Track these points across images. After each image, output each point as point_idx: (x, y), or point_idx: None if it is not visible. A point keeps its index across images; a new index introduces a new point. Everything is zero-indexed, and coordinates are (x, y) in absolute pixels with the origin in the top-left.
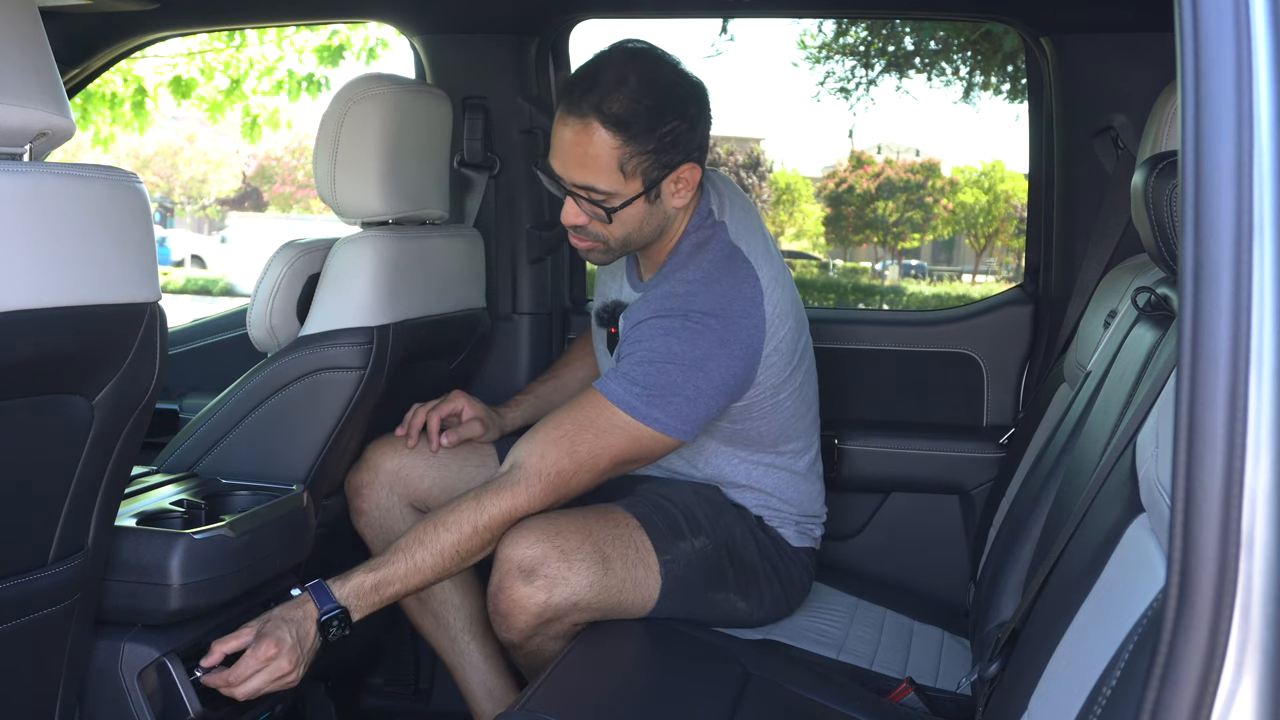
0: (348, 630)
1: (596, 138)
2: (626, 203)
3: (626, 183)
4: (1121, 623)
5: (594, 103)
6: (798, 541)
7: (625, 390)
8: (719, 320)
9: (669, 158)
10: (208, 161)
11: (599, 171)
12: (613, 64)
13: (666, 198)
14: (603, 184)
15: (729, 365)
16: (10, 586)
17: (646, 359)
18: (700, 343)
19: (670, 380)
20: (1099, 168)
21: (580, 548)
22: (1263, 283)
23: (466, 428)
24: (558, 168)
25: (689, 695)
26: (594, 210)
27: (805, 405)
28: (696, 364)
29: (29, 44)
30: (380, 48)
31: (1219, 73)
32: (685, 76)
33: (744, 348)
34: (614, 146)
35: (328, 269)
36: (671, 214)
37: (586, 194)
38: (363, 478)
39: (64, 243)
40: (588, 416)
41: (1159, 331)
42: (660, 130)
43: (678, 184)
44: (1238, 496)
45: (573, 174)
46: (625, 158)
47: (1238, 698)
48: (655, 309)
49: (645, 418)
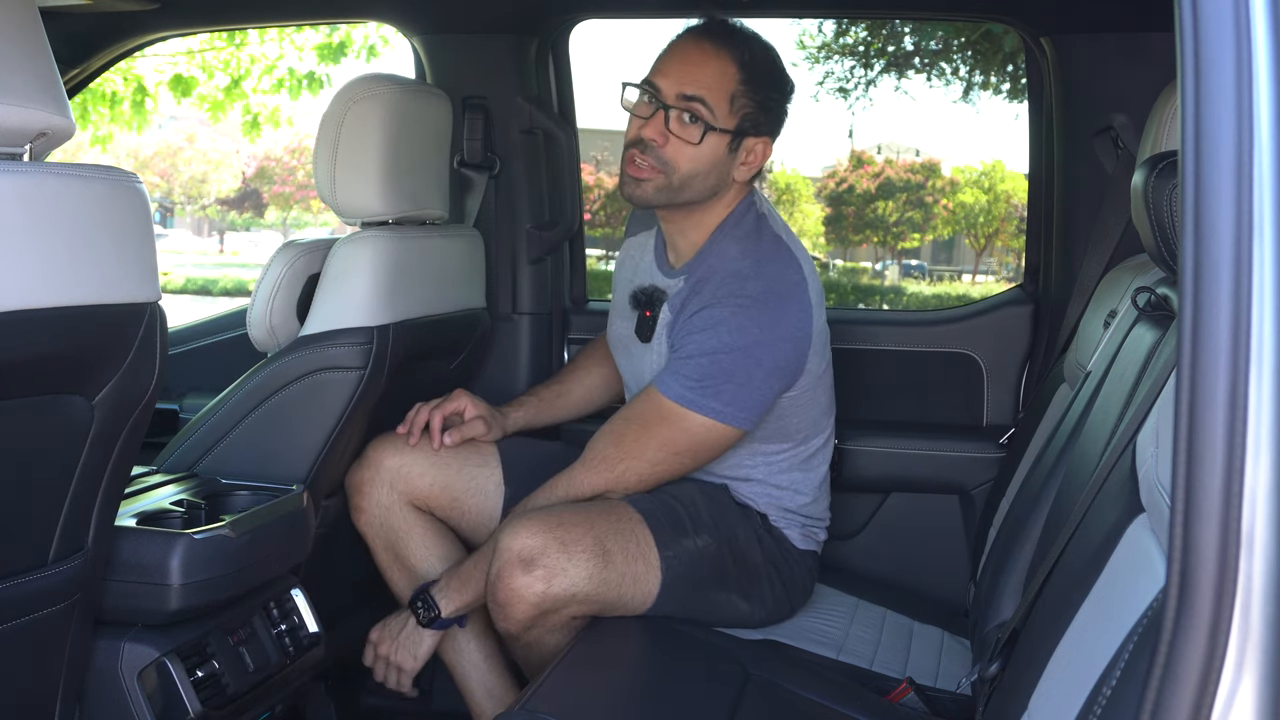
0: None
1: (724, 62)
2: (707, 131)
3: (729, 115)
4: (1121, 623)
5: (733, 39)
6: (803, 544)
7: (681, 385)
8: (766, 305)
9: (763, 119)
10: (207, 161)
11: (714, 89)
12: (745, 28)
13: (736, 160)
14: (712, 99)
15: (779, 349)
16: (10, 586)
17: (697, 352)
18: (750, 328)
19: (721, 369)
20: (1099, 168)
21: (581, 540)
22: (1263, 283)
23: (469, 427)
24: (662, 81)
25: (689, 695)
26: (683, 130)
27: (829, 397)
28: (745, 350)
29: (29, 44)
30: (381, 45)
31: (1219, 73)
32: (787, 72)
33: (792, 330)
34: (735, 78)
35: (328, 269)
36: (727, 182)
37: (685, 106)
38: (363, 475)
39: (64, 243)
40: (647, 415)
41: (1159, 331)
42: (770, 91)
43: (750, 154)
44: (1238, 496)
45: (684, 84)
46: (739, 93)
47: (1238, 698)
48: (705, 299)
49: (702, 409)
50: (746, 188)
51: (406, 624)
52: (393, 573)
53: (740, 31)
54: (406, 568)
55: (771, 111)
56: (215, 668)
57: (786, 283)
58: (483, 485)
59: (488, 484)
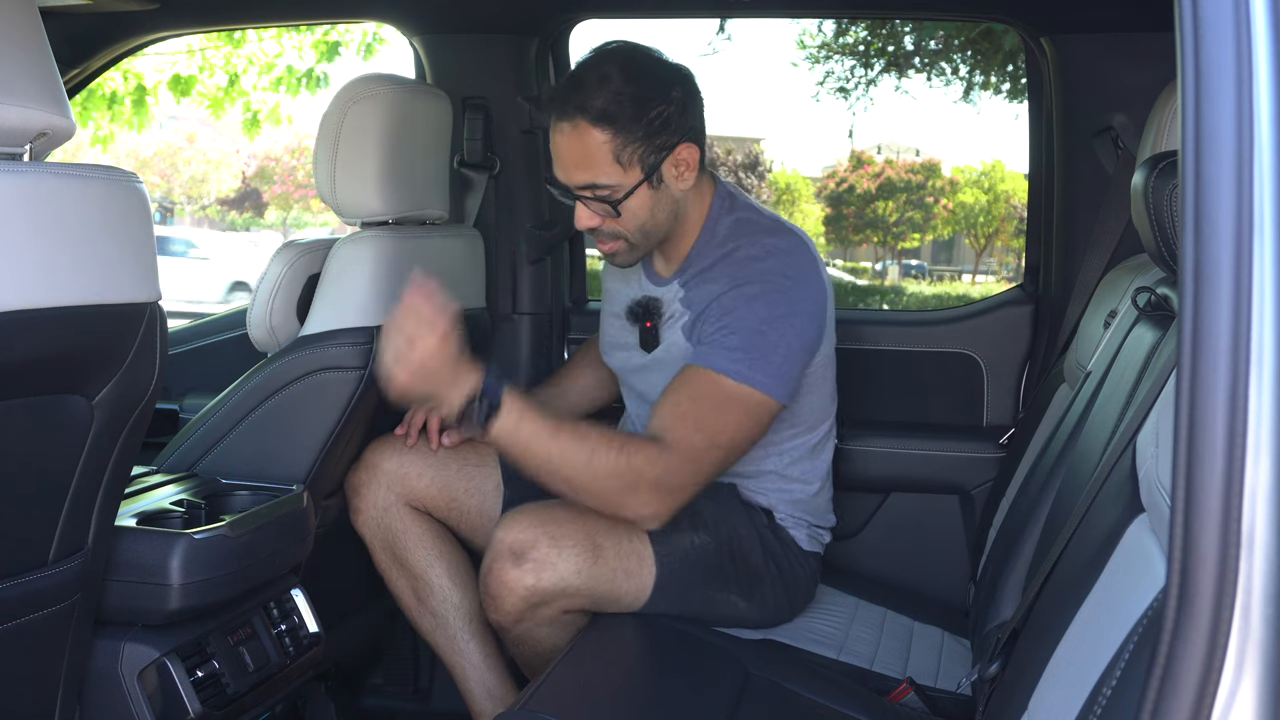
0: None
1: (587, 136)
2: (629, 192)
3: (626, 173)
4: (1121, 623)
5: (578, 103)
6: (808, 545)
7: (727, 359)
8: (792, 281)
9: (663, 140)
10: (207, 161)
11: (597, 167)
12: (591, 65)
13: (670, 181)
14: (603, 178)
15: (809, 324)
16: (10, 586)
17: (739, 327)
18: (782, 302)
19: (766, 341)
20: (1099, 168)
21: (572, 534)
22: (1263, 283)
23: (468, 428)
24: (560, 175)
25: (689, 695)
26: (602, 208)
27: (832, 383)
28: (784, 321)
29: (29, 44)
30: (378, 44)
31: (1219, 73)
32: (665, 62)
33: (815, 305)
34: (605, 140)
35: (328, 269)
36: (680, 198)
37: (591, 192)
38: (361, 477)
39: (64, 243)
40: (700, 391)
41: (1159, 331)
42: (648, 115)
43: (678, 166)
44: (1238, 496)
45: (574, 176)
46: (619, 148)
47: (1238, 698)
48: (730, 280)
49: (751, 380)
50: (706, 184)
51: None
52: (392, 574)
53: (584, 84)
54: (406, 569)
55: (670, 124)
56: (215, 668)
57: (801, 261)
58: (481, 486)
59: (486, 484)
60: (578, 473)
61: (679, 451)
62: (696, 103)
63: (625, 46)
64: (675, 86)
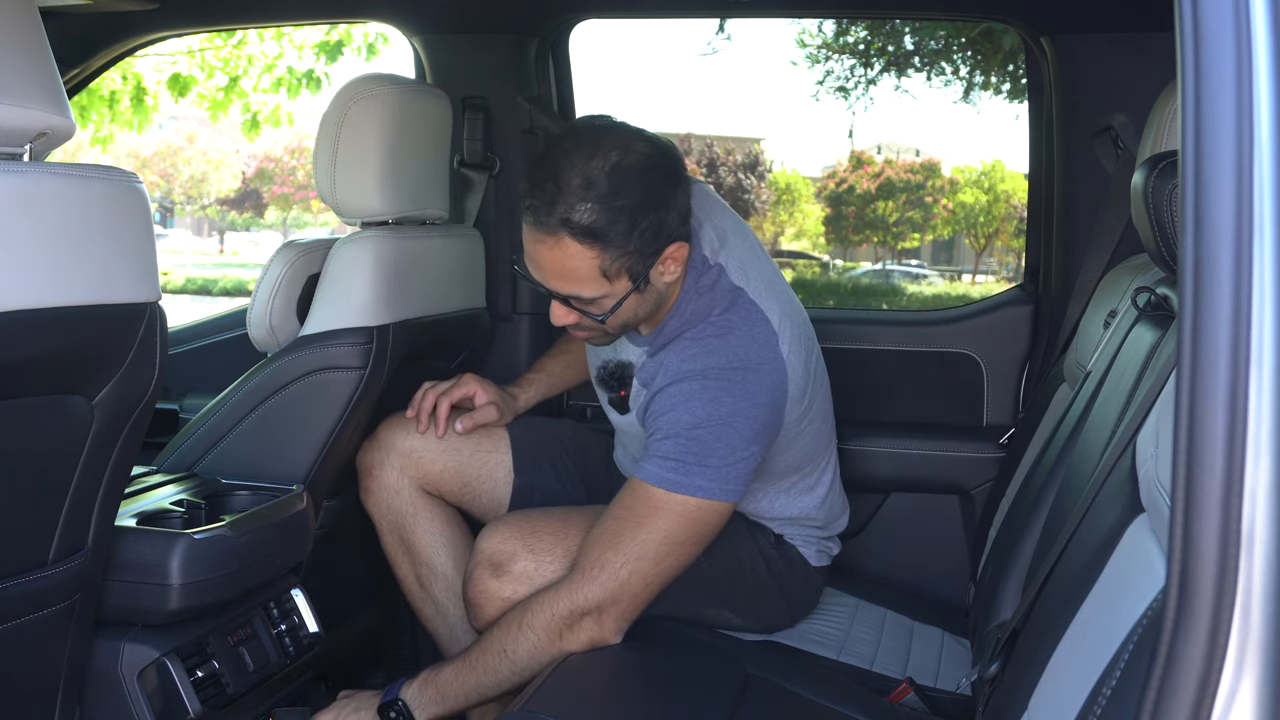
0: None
1: (571, 251)
2: (618, 303)
3: (613, 285)
4: (1121, 623)
5: (561, 216)
6: (817, 561)
7: (663, 469)
8: (738, 373)
9: (653, 247)
10: (207, 161)
11: (582, 282)
12: (573, 162)
13: (656, 280)
14: (588, 291)
15: (757, 415)
16: (10, 586)
17: (672, 432)
18: (724, 400)
19: (702, 445)
20: (1099, 168)
21: (552, 548)
22: (1263, 283)
23: (481, 413)
24: (537, 276)
25: (689, 695)
26: (583, 316)
27: (822, 419)
28: (724, 422)
29: (29, 44)
30: (381, 43)
31: (1219, 73)
32: (654, 154)
33: (769, 395)
34: (592, 257)
35: (328, 269)
36: (665, 290)
37: (575, 301)
38: (373, 457)
39: (64, 243)
40: (637, 508)
41: (1159, 331)
42: (639, 228)
43: (665, 263)
44: (1238, 496)
45: (554, 284)
46: (606, 264)
47: (1238, 698)
48: (672, 374)
49: (688, 488)
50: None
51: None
52: (397, 556)
53: (566, 190)
54: (412, 553)
55: (661, 231)
56: (215, 668)
57: (755, 342)
58: (493, 472)
59: (498, 470)
60: (513, 670)
61: (586, 573)
62: (684, 192)
63: (609, 135)
64: (665, 186)
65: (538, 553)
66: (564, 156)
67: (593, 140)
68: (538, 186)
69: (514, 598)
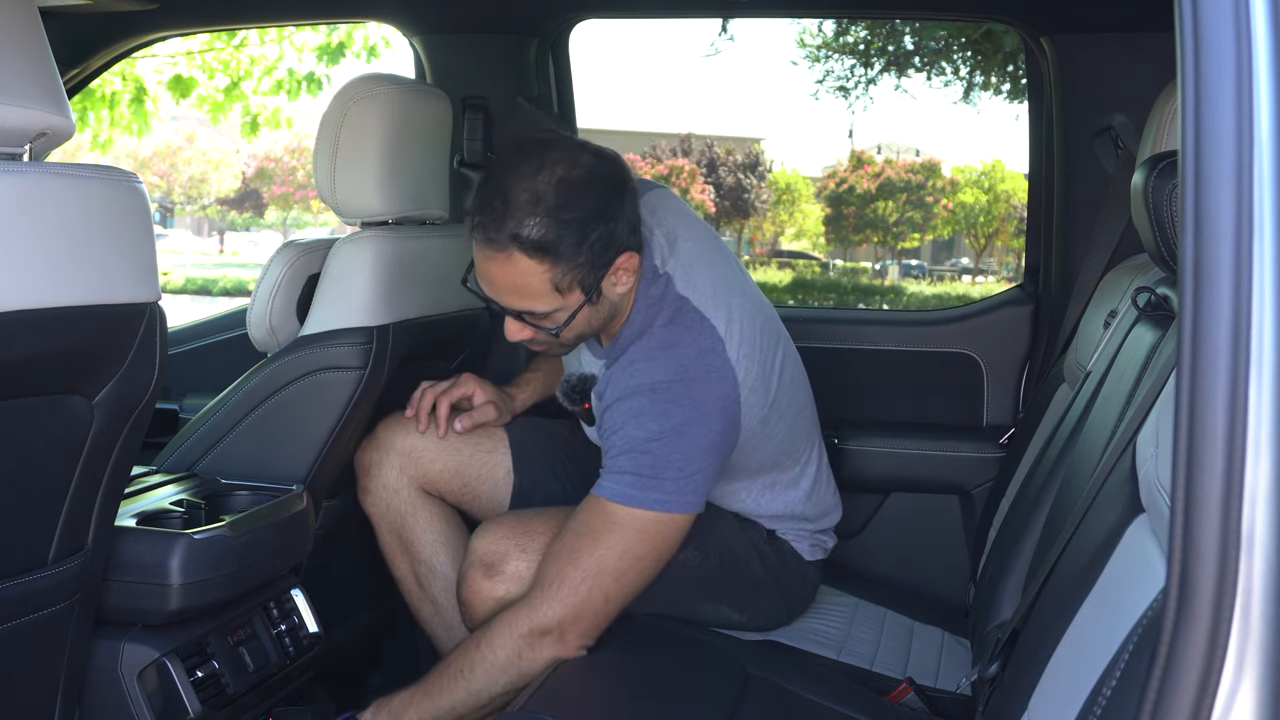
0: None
1: (523, 267)
2: (571, 316)
3: (565, 298)
4: (1121, 623)
5: (510, 232)
6: (811, 555)
7: (619, 484)
8: (686, 384)
9: (604, 259)
10: (207, 161)
11: (534, 297)
12: (519, 178)
13: (609, 291)
14: (541, 306)
15: (710, 425)
16: (10, 586)
17: (626, 448)
18: (674, 412)
19: (657, 459)
20: (1099, 168)
21: (544, 548)
22: (1263, 283)
23: (480, 413)
24: (490, 293)
25: (689, 695)
26: (538, 330)
27: (795, 413)
28: (677, 433)
29: (29, 44)
30: (382, 45)
31: (1219, 73)
32: (598, 167)
33: (720, 403)
34: (544, 271)
35: (327, 269)
36: (618, 300)
37: (528, 316)
38: (373, 456)
39: (64, 243)
40: (594, 524)
41: (1159, 331)
42: (589, 240)
43: (617, 274)
44: (1238, 496)
45: (507, 300)
46: (558, 277)
47: (1238, 698)
48: (620, 390)
49: (645, 502)
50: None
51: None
52: (395, 555)
53: (514, 206)
54: (410, 553)
55: (611, 243)
56: (215, 668)
57: (700, 351)
58: (492, 472)
59: (497, 471)
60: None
61: (546, 589)
62: (631, 203)
63: (553, 150)
64: (612, 197)
65: (530, 553)
66: (510, 172)
67: (538, 155)
68: (486, 204)
69: (507, 598)
